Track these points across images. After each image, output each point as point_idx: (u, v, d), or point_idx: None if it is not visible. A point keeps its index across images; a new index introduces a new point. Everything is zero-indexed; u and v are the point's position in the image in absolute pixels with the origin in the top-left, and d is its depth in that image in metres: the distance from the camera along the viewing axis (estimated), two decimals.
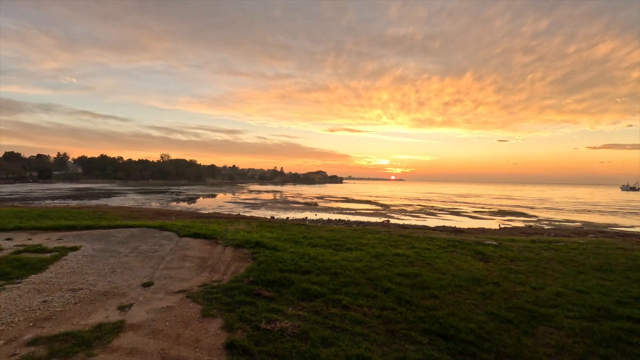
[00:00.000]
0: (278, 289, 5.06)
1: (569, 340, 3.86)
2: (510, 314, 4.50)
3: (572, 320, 4.37)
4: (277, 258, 6.74)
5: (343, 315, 4.22)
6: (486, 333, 3.90)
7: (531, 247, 9.82)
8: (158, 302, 4.49)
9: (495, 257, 8.18)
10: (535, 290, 5.62)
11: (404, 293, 5.14)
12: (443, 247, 9.15)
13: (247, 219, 17.12)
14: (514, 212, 36.38)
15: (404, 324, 4.08)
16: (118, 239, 8.47)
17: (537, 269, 7.03)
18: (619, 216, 34.44)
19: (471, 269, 6.84)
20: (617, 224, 27.12)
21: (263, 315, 4.00)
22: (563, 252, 9.04)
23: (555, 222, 28.11)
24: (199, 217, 17.64)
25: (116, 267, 6.02)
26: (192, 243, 8.35)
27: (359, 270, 6.22)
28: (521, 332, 4.01)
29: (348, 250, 8.20)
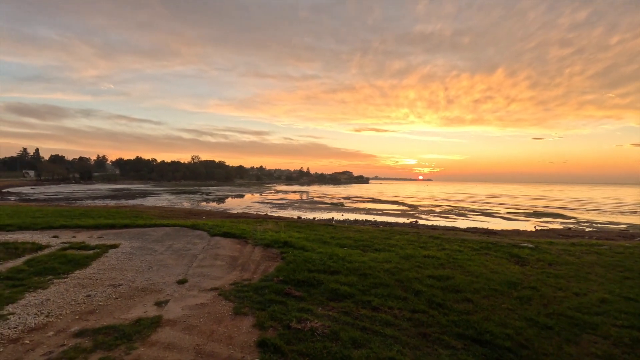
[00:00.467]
0: (307, 289, 5.08)
1: (616, 350, 3.62)
2: (550, 320, 4.28)
3: (620, 329, 4.10)
4: (305, 258, 6.78)
5: (373, 317, 4.18)
6: (525, 340, 3.73)
7: (571, 250, 9.31)
8: (192, 299, 4.63)
9: (532, 260, 7.82)
10: (578, 296, 5.32)
11: (436, 296, 5.02)
12: (475, 249, 8.86)
13: (275, 219, 17.35)
14: (551, 214, 34.62)
15: (437, 328, 3.99)
16: (153, 238, 8.84)
17: (579, 274, 6.65)
18: None
19: (506, 272, 6.57)
20: None
21: (293, 315, 4.04)
22: (607, 256, 8.49)
23: (597, 224, 26.50)
24: (228, 217, 18.07)
25: (152, 265, 6.28)
26: (223, 242, 8.56)
27: (388, 272, 6.14)
28: (563, 340, 3.81)
29: (376, 251, 8.12)
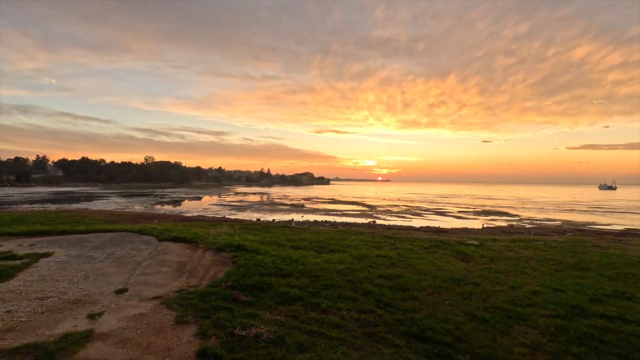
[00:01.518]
0: (256, 294, 4.97)
1: (543, 339, 3.90)
2: (487, 314, 4.53)
3: (547, 319, 4.43)
4: (257, 261, 6.64)
5: (321, 319, 4.17)
6: (463, 334, 3.90)
7: (511, 246, 9.99)
8: (131, 309, 4.34)
9: (477, 257, 8.27)
10: (513, 289, 5.69)
11: (384, 295, 5.12)
12: (426, 248, 9.21)
13: (232, 222, 16.91)
14: (497, 212, 37.05)
15: (382, 327, 4.06)
16: (94, 244, 8.22)
17: (516, 268, 7.14)
18: (596, 215, 35.48)
19: (452, 269, 6.89)
20: (594, 223, 27.91)
21: (239, 321, 3.91)
22: (542, 251, 9.21)
23: (537, 221, 28.75)
24: (181, 221, 17.33)
25: (89, 274, 5.81)
26: (172, 247, 8.16)
27: (340, 273, 6.18)
28: (497, 332, 4.04)
29: (331, 252, 8.16)
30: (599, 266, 7.43)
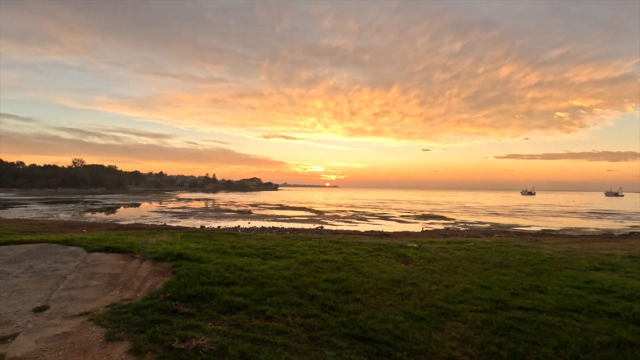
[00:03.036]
0: (198, 304, 4.77)
1: (471, 332, 4.26)
2: (423, 312, 4.83)
3: (475, 314, 4.85)
4: (200, 270, 6.38)
5: (265, 327, 4.13)
6: (401, 332, 4.12)
7: (446, 247, 10.74)
8: (52, 328, 3.92)
9: (415, 258, 8.77)
10: (447, 287, 6.13)
11: (329, 299, 5.22)
12: (369, 252, 9.55)
13: (173, 230, 16.02)
14: (436, 216, 39.61)
15: (326, 330, 4.13)
16: (8, 258, 7.27)
17: (450, 268, 7.70)
18: (519, 217, 39.52)
19: (393, 271, 7.23)
20: (517, 224, 31.08)
21: (178, 334, 3.73)
22: (472, 252, 10.04)
23: (469, 224, 31.23)
24: (115, 229, 16.03)
25: (1, 292, 5.14)
26: (104, 258, 7.52)
27: (286, 279, 6.17)
28: (432, 328, 4.33)
29: (277, 259, 8.11)
30: (519, 264, 8.30)
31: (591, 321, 4.65)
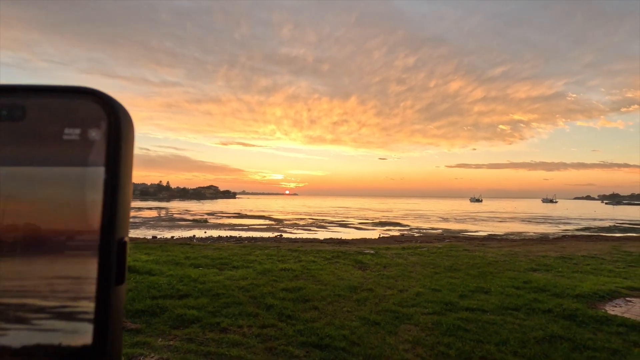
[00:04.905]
0: (148, 319, 4.53)
1: (422, 334, 4.45)
2: (379, 317, 4.97)
3: (427, 316, 5.08)
4: (150, 283, 6.05)
5: (220, 339, 4.02)
6: (357, 337, 4.21)
7: (401, 253, 11.14)
8: None
9: (372, 264, 9.00)
10: (401, 292, 6.36)
11: (286, 308, 5.19)
12: (328, 259, 9.63)
13: None
14: (392, 223, 40.91)
15: (283, 340, 4.11)
16: None
17: (404, 273, 7.99)
18: (468, 223, 42.00)
19: (350, 277, 7.36)
20: (466, 230, 32.99)
21: (124, 352, 3.51)
22: (425, 256, 10.50)
23: (423, 230, 32.64)
24: None
25: None
26: None
27: (243, 289, 6.05)
28: (386, 332, 4.47)
29: (234, 269, 7.92)
30: (467, 267, 8.82)
31: (528, 318, 5.07)
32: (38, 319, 0.24)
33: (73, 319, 0.24)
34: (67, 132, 0.25)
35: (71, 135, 0.25)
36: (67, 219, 0.24)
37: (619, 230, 31.10)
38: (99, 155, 0.25)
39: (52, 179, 0.24)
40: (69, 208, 0.24)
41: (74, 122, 0.25)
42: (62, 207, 0.24)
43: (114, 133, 0.25)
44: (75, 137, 0.25)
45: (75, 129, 0.25)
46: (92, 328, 0.24)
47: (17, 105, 0.24)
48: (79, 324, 0.24)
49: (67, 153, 0.25)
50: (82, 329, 0.24)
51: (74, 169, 0.25)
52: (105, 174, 0.25)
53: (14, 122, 0.24)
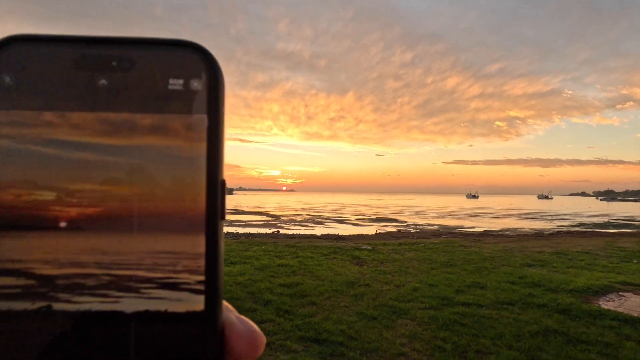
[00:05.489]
0: None
1: (419, 328, 4.51)
2: (375, 311, 5.02)
3: (423, 311, 5.13)
4: None
5: None
6: (354, 332, 4.25)
7: (398, 249, 11.21)
8: None
9: (369, 260, 9.05)
10: (398, 287, 6.41)
11: (284, 303, 5.23)
12: (325, 255, 9.68)
13: None
14: (389, 219, 41.03)
15: (281, 335, 4.15)
16: None
17: (401, 269, 8.05)
18: (464, 219, 42.21)
19: (347, 273, 7.41)
20: (462, 226, 33.16)
21: None
22: (422, 252, 10.57)
23: (420, 226, 32.77)
24: None
25: None
26: None
27: (240, 285, 6.08)
28: (383, 327, 4.52)
29: (231, 265, 7.94)
30: (463, 262, 8.89)
31: (523, 312, 5.14)
32: (148, 284, 0.25)
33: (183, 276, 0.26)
34: (171, 82, 0.26)
35: (175, 85, 0.26)
36: (174, 163, 0.26)
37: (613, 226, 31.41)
38: (201, 104, 0.26)
39: (159, 126, 0.26)
40: (177, 152, 0.26)
41: (178, 72, 0.26)
42: (170, 152, 0.26)
43: (214, 83, 0.27)
44: (179, 87, 0.26)
45: (179, 79, 0.26)
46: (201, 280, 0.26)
47: (126, 56, 0.26)
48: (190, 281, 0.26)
49: (172, 101, 0.26)
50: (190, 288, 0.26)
51: (180, 116, 0.26)
52: (208, 121, 0.26)
53: (123, 72, 0.26)
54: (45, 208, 0.25)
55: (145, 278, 0.25)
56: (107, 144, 0.26)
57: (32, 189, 0.25)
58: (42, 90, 0.25)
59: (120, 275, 0.25)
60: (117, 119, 0.26)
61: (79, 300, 0.24)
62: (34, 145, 0.25)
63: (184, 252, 0.26)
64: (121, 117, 0.26)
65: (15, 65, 0.25)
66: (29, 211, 0.25)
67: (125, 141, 0.26)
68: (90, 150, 0.26)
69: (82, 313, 0.24)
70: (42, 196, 0.25)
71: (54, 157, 0.25)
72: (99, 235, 0.25)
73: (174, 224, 0.26)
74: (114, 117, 0.26)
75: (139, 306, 0.25)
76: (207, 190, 0.26)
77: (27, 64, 0.25)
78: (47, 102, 0.25)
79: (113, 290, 0.25)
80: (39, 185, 0.25)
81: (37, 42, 0.26)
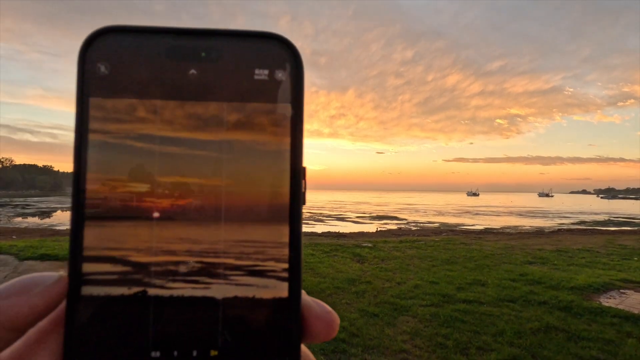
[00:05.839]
0: None
1: (421, 325, 4.52)
2: (377, 308, 5.04)
3: (424, 308, 5.15)
4: None
5: None
6: (356, 329, 4.27)
7: (399, 246, 11.22)
8: None
9: (370, 258, 9.07)
10: (399, 284, 6.43)
11: None
12: (326, 252, 9.69)
13: None
14: (389, 216, 41.07)
15: None
16: None
17: (402, 266, 8.06)
18: (465, 217, 42.24)
19: (349, 270, 7.43)
20: (463, 224, 33.20)
21: None
22: (422, 250, 10.59)
23: (420, 223, 32.80)
24: (52, 235, 14.71)
25: None
26: (39, 267, 6.91)
27: None
28: (385, 323, 4.53)
29: None
30: (464, 260, 8.91)
31: (524, 310, 5.15)
32: (236, 272, 0.27)
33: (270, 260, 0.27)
34: (257, 72, 0.27)
35: (261, 75, 0.27)
36: (262, 151, 0.27)
37: (613, 224, 31.43)
38: (285, 94, 0.28)
39: (247, 115, 0.27)
40: (264, 141, 0.27)
41: (263, 63, 0.28)
42: (257, 140, 0.27)
43: (297, 73, 0.28)
44: (264, 77, 0.28)
45: (264, 70, 0.28)
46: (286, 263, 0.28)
47: (215, 47, 0.27)
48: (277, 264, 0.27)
49: (258, 91, 0.27)
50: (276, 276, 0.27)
51: (266, 106, 0.28)
52: (292, 110, 0.28)
53: (212, 62, 0.27)
54: (139, 198, 0.26)
55: (234, 266, 0.27)
56: (198, 133, 0.27)
57: (127, 178, 0.26)
58: (135, 79, 0.27)
59: (210, 263, 0.27)
60: (207, 109, 0.27)
61: (172, 286, 0.26)
62: (128, 134, 0.26)
63: (270, 241, 0.27)
64: (211, 106, 0.27)
65: (110, 55, 0.26)
66: (124, 201, 0.26)
67: (215, 130, 0.27)
68: (181, 139, 0.27)
69: (175, 298, 0.26)
70: (136, 186, 0.26)
71: (148, 146, 0.27)
72: (190, 224, 0.27)
73: (260, 213, 0.27)
74: (204, 106, 0.27)
75: (229, 292, 0.26)
76: (291, 177, 0.28)
77: (121, 54, 0.27)
78: (139, 91, 0.27)
79: (204, 277, 0.26)
80: (134, 174, 0.26)
81: (131, 33, 0.27)
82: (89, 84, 0.26)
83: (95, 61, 0.26)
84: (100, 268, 0.26)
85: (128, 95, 0.26)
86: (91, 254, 0.26)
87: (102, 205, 0.26)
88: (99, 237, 0.26)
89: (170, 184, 0.27)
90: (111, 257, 0.26)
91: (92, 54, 0.26)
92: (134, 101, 0.26)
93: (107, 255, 0.26)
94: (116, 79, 0.26)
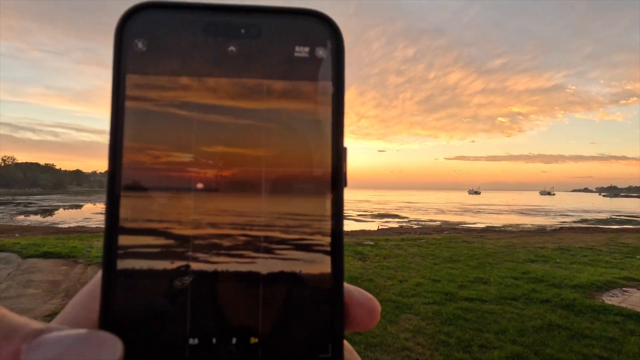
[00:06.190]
0: None
1: (423, 323, 4.52)
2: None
3: (427, 306, 5.15)
4: None
5: None
6: None
7: (401, 244, 11.22)
8: None
9: (372, 255, 9.07)
10: (401, 282, 6.42)
11: None
12: None
13: None
14: (390, 215, 41.05)
15: None
16: None
17: (404, 264, 8.06)
18: (466, 215, 42.20)
19: (351, 268, 7.43)
20: (465, 222, 33.15)
21: None
22: (424, 248, 10.58)
23: (422, 222, 32.77)
24: (55, 233, 14.76)
25: None
26: (42, 264, 6.92)
27: None
28: (387, 321, 4.53)
29: None
30: (466, 258, 8.90)
31: (526, 308, 5.14)
32: (281, 246, 0.26)
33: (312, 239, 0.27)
34: (297, 50, 0.27)
35: (301, 53, 0.27)
36: (303, 128, 0.27)
37: (615, 222, 31.35)
38: (326, 71, 0.27)
39: (287, 92, 0.27)
40: (305, 118, 0.27)
41: (304, 40, 0.27)
42: (299, 118, 0.27)
43: (338, 51, 0.27)
44: (304, 54, 0.27)
45: (305, 47, 0.27)
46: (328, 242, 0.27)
47: (254, 24, 0.27)
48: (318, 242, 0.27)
49: (298, 68, 0.27)
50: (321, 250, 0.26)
51: (307, 83, 0.27)
52: (333, 88, 0.27)
53: (251, 39, 0.27)
54: (181, 170, 0.26)
55: (279, 239, 0.26)
56: (237, 108, 0.27)
57: (166, 151, 0.26)
58: (173, 56, 0.26)
59: (254, 236, 0.26)
60: (247, 85, 0.27)
61: (215, 260, 0.25)
62: (165, 109, 0.26)
63: (315, 215, 0.27)
64: (250, 82, 0.27)
65: (148, 31, 0.26)
66: (166, 173, 0.26)
67: (255, 106, 0.27)
68: (220, 115, 0.26)
69: (219, 273, 0.25)
70: (178, 158, 0.26)
71: (185, 121, 0.26)
72: (233, 197, 0.26)
73: (303, 188, 0.27)
74: (243, 82, 0.27)
75: (274, 267, 0.26)
76: (333, 155, 0.27)
77: (159, 30, 0.26)
78: (177, 67, 0.26)
79: (248, 250, 0.26)
80: (173, 148, 0.26)
81: (168, 9, 0.26)
82: (126, 61, 0.26)
83: (132, 38, 0.26)
84: (134, 241, 0.25)
85: (165, 72, 0.26)
86: (127, 225, 0.25)
87: (141, 176, 0.26)
88: (135, 208, 0.25)
89: (213, 155, 0.26)
90: (153, 229, 0.25)
91: (129, 31, 0.26)
92: (171, 77, 0.26)
93: (149, 227, 0.25)
94: (153, 55, 0.26)
